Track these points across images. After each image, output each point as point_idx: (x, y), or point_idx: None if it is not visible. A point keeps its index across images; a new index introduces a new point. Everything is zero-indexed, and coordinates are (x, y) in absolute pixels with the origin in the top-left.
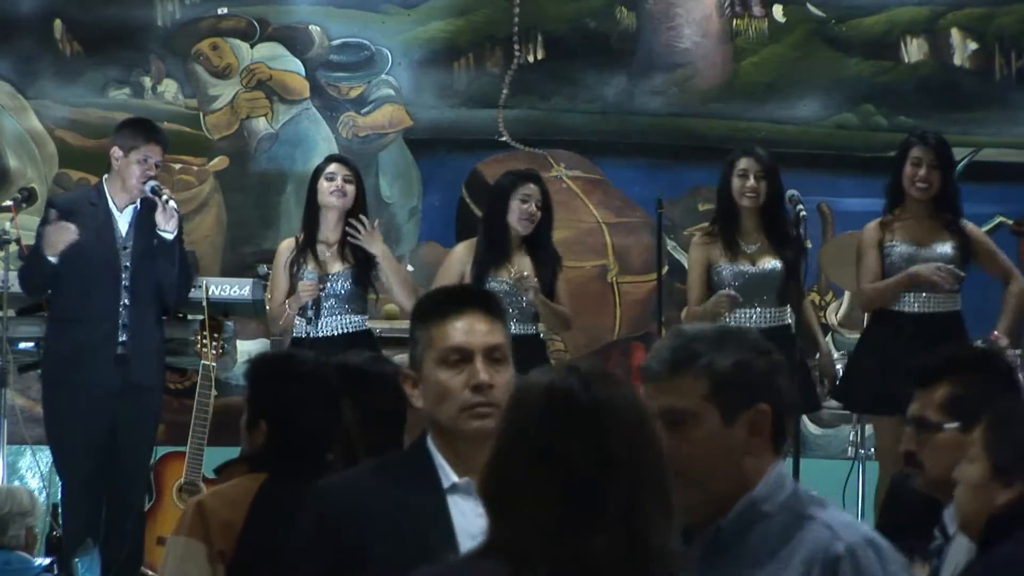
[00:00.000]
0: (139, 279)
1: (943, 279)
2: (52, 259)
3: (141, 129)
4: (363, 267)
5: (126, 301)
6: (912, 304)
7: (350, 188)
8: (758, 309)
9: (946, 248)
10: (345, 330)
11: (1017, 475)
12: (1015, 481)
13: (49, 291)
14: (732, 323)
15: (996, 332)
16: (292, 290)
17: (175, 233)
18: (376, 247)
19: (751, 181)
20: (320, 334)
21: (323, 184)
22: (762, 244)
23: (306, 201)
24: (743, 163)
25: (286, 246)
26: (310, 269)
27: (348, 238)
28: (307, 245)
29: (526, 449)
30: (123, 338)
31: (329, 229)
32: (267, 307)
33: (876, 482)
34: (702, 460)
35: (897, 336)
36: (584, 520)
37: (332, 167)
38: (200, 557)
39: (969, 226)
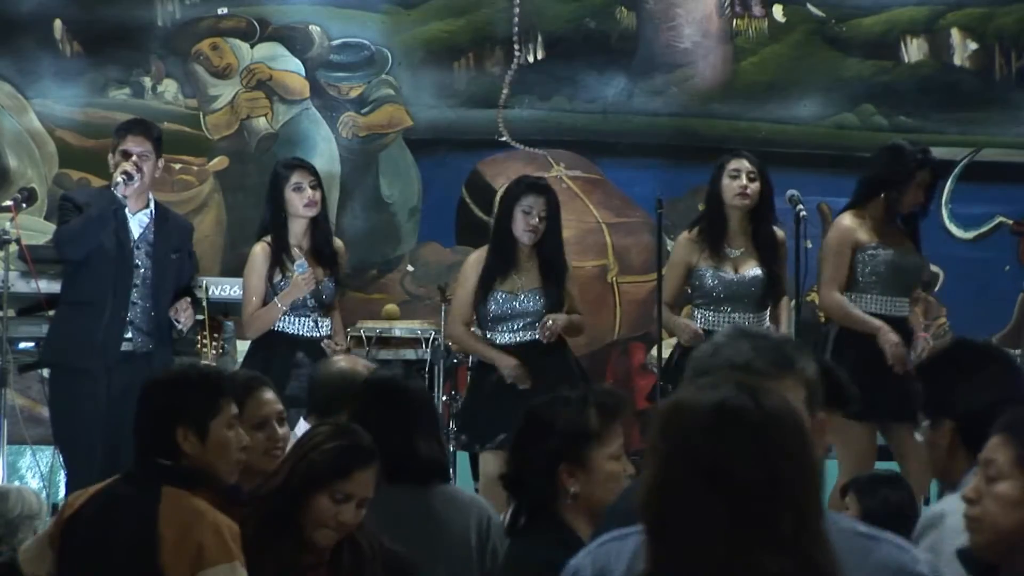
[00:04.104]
0: (155, 287)
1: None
2: (124, 197)
3: (123, 126)
4: (337, 270)
5: (136, 299)
6: (881, 306)
7: (318, 195)
8: (735, 315)
9: (918, 256)
10: (320, 333)
11: None
12: None
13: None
14: (704, 327)
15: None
16: (270, 296)
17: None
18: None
19: (743, 180)
20: (306, 334)
21: (292, 196)
22: (746, 249)
23: (273, 207)
24: (734, 164)
25: (260, 251)
26: (300, 261)
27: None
28: (280, 251)
29: (693, 468)
30: (130, 335)
31: (299, 234)
32: (245, 312)
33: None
34: None
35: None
36: (754, 539)
37: (296, 177)
38: (42, 539)
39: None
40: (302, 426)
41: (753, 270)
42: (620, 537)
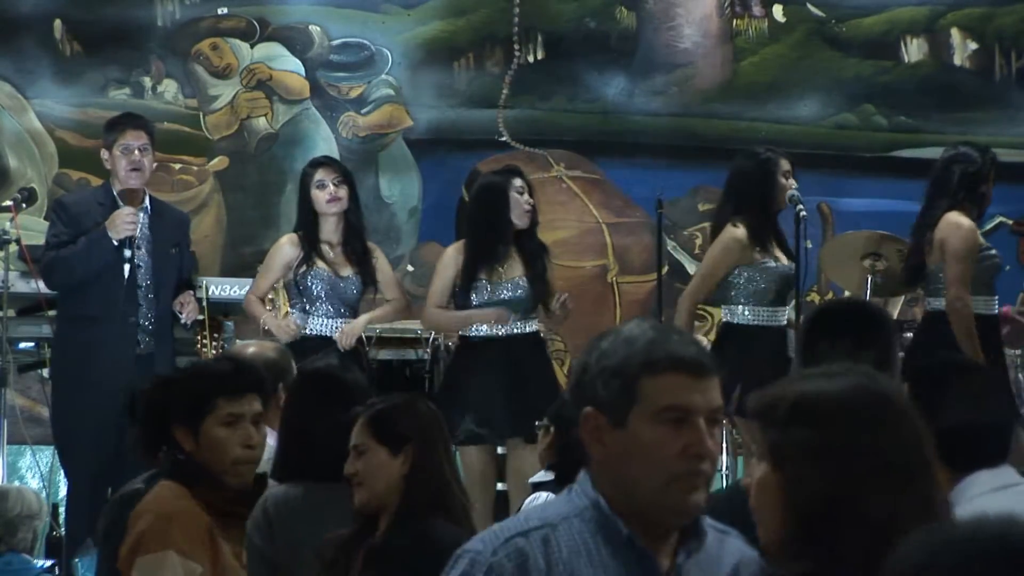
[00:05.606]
0: (157, 284)
1: None
2: (116, 240)
3: (118, 121)
4: (368, 269)
5: (140, 300)
6: (987, 307)
7: (343, 191)
8: (777, 307)
9: None
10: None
11: None
12: None
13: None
14: (758, 322)
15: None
16: (298, 288)
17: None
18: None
19: (792, 181)
20: (326, 333)
21: (316, 193)
22: (774, 243)
23: (300, 206)
24: (786, 165)
25: (287, 241)
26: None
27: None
28: (311, 248)
29: (866, 457)
30: (141, 338)
31: (330, 231)
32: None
33: None
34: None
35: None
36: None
37: (320, 174)
38: None
39: None
40: None
41: (787, 262)
42: (522, 533)
